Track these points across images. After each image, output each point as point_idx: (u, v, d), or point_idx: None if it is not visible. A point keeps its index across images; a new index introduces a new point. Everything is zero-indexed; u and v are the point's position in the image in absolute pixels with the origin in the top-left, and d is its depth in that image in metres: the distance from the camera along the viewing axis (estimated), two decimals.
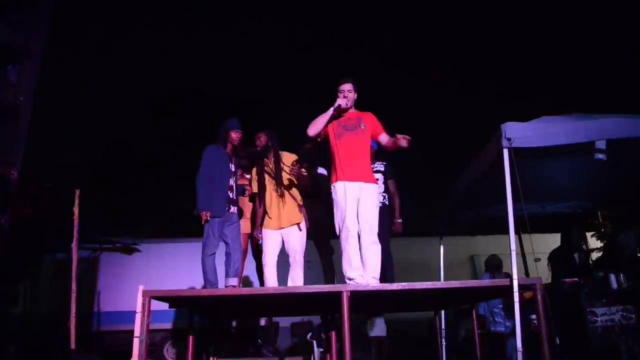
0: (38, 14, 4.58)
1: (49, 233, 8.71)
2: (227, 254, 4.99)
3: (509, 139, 4.08)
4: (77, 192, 6.90)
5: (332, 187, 4.46)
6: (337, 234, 4.38)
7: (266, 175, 5.17)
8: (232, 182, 5.09)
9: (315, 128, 4.47)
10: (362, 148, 4.51)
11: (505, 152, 4.08)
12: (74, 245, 6.91)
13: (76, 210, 6.83)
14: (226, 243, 4.99)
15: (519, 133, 4.11)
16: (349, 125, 4.52)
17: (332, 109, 4.48)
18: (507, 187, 4.04)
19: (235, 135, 5.15)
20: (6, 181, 3.96)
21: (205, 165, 5.04)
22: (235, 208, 5.09)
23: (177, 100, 21.23)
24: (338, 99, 4.51)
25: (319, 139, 4.58)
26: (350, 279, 4.23)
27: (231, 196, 5.04)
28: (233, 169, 5.14)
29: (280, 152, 5.26)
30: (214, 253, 4.91)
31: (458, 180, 5.74)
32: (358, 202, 4.35)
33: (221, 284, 4.96)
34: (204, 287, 4.84)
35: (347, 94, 4.53)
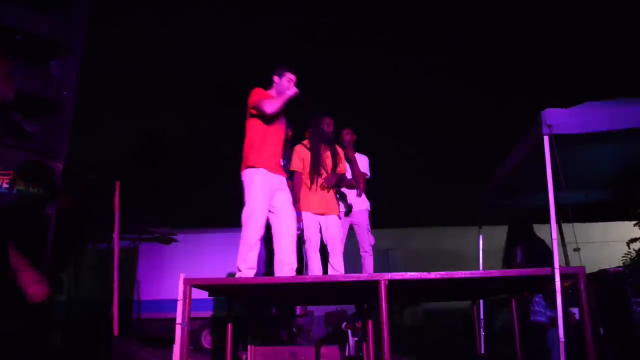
0: (78, 8, 4.70)
1: (91, 224, 8.96)
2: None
3: (549, 126, 4.00)
4: (118, 183, 7.05)
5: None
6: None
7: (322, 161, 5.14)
8: None
9: (277, 106, 4.28)
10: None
11: (546, 139, 4.00)
12: (115, 235, 7.08)
13: (117, 201, 6.98)
14: None
15: (560, 119, 4.03)
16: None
17: (292, 93, 4.32)
18: (547, 175, 3.96)
19: (289, 134, 5.27)
20: (53, 173, 4.10)
21: None
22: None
23: (214, 90, 21.44)
24: (293, 88, 4.37)
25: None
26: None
27: None
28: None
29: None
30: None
31: (497, 169, 5.65)
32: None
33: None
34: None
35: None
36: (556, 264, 3.81)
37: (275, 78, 4.48)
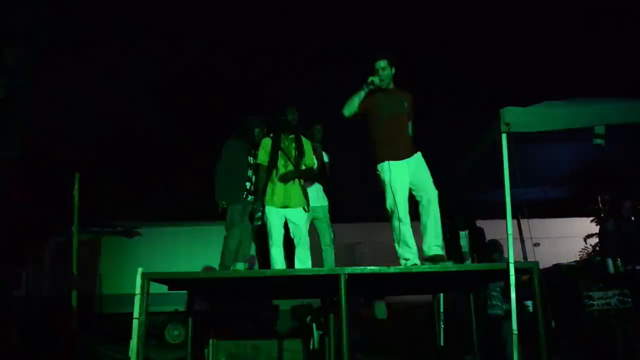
0: None
1: (50, 216, 8.75)
2: (240, 240, 5.13)
3: (507, 124, 4.07)
4: (77, 175, 6.92)
5: (379, 168, 4.38)
6: (389, 214, 4.31)
7: (281, 151, 4.95)
8: (250, 173, 5.27)
9: (350, 108, 4.37)
10: (405, 126, 4.47)
11: (504, 136, 4.07)
12: (74, 228, 6.96)
13: (76, 193, 6.86)
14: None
15: (518, 118, 4.10)
16: (393, 105, 4.42)
17: (364, 86, 4.35)
18: (505, 171, 4.04)
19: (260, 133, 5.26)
20: (4, 164, 3.98)
21: (226, 158, 5.21)
22: (253, 197, 5.19)
23: (178, 82, 21.10)
24: (370, 76, 4.38)
25: (356, 118, 4.46)
26: (406, 259, 4.20)
27: (248, 186, 5.16)
28: (252, 162, 5.28)
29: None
30: (235, 238, 5.06)
31: (458, 166, 5.74)
32: (410, 178, 4.33)
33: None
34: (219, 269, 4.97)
35: (381, 73, 4.39)
36: (511, 259, 3.89)
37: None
